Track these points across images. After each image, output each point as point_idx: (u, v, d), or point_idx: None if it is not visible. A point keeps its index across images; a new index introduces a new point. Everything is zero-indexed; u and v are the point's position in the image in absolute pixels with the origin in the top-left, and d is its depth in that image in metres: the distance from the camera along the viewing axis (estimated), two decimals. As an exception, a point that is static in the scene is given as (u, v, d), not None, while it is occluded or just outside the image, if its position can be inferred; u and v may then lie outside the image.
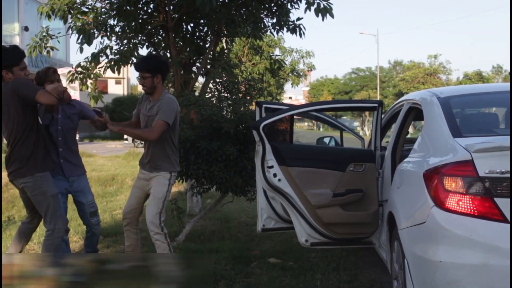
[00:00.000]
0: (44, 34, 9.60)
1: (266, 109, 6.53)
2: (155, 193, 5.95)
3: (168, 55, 9.32)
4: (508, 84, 5.59)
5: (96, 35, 8.93)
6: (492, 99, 5.41)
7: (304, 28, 9.46)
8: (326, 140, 7.86)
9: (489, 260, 3.58)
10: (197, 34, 9.75)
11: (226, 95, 7.82)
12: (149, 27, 9.19)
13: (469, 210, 3.71)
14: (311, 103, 6.83)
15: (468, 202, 3.72)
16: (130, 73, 62.52)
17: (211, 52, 9.67)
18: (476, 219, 3.69)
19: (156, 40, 9.55)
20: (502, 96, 5.33)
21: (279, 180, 5.71)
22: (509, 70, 76.90)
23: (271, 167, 5.72)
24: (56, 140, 5.95)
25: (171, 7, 8.95)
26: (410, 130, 14.10)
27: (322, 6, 8.40)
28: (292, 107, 6.55)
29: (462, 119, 4.76)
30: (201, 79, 10.94)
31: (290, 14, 9.41)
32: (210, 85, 9.11)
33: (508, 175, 3.62)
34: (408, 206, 4.42)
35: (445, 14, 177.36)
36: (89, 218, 6.24)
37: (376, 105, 5.91)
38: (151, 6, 9.10)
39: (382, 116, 6.21)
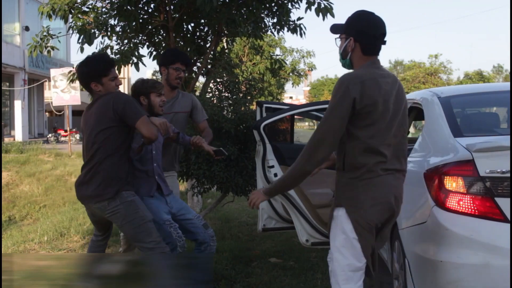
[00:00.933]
0: (44, 33, 9.60)
1: (266, 109, 6.51)
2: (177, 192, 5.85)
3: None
4: (509, 83, 5.58)
5: (96, 35, 8.93)
6: (493, 98, 5.40)
7: (305, 27, 9.46)
8: None
9: (490, 260, 3.58)
10: (198, 34, 9.74)
11: (226, 94, 7.81)
12: (150, 27, 9.19)
13: (470, 210, 3.71)
14: (312, 102, 6.82)
15: (468, 201, 3.72)
16: (131, 73, 62.38)
17: (212, 52, 9.67)
18: (477, 219, 3.69)
19: (157, 40, 9.55)
20: (502, 95, 5.33)
21: None
22: (509, 69, 77.05)
23: (272, 166, 5.70)
24: (150, 154, 5.17)
25: (172, 7, 8.95)
26: (412, 130, 14.09)
27: (322, 5, 8.41)
28: (292, 106, 6.54)
29: (463, 118, 4.76)
30: (201, 79, 10.94)
31: (291, 14, 9.41)
32: (211, 84, 9.11)
33: (509, 174, 3.63)
34: (409, 206, 4.41)
35: (445, 13, 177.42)
36: (204, 232, 5.26)
37: None
38: (152, 6, 9.10)
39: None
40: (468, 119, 4.91)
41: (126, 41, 9.23)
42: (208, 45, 9.68)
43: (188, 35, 9.58)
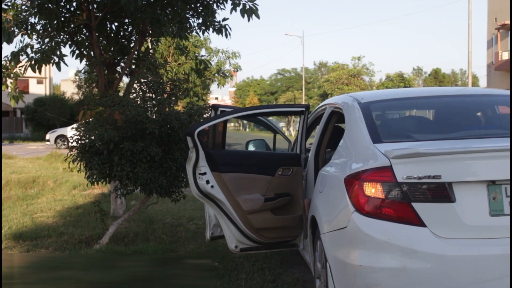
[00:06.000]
0: (-40, 31, 9.26)
1: (222, 112, 6.41)
2: None
3: (92, 54, 9.16)
4: (427, 89, 5.74)
5: (16, 33, 8.67)
6: (412, 104, 5.53)
7: (230, 28, 9.49)
8: (255, 143, 7.76)
9: (407, 263, 3.68)
10: (122, 33, 9.62)
11: (150, 95, 7.75)
12: (72, 25, 9.00)
13: (387, 214, 3.81)
14: (245, 108, 6.77)
15: (387, 207, 3.81)
16: (53, 72, 60.93)
17: (136, 52, 9.56)
18: (394, 223, 3.79)
19: (79, 39, 9.37)
20: (421, 101, 5.49)
21: (212, 186, 5.63)
22: (428, 72, 79.61)
23: (204, 173, 5.63)
24: None
25: (95, 6, 8.80)
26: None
27: (247, 7, 8.45)
28: (235, 110, 6.44)
29: (382, 124, 4.85)
30: (125, 79, 10.80)
31: (216, 15, 9.41)
32: (135, 85, 9.01)
33: (425, 180, 3.75)
34: (330, 211, 4.48)
35: (368, 16, 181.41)
36: None
37: (304, 109, 5.98)
38: (74, 4, 8.93)
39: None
40: (387, 125, 5.01)
41: (47, 40, 9.00)
42: (132, 45, 9.58)
43: (112, 35, 9.46)
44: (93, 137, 7.21)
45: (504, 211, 3.78)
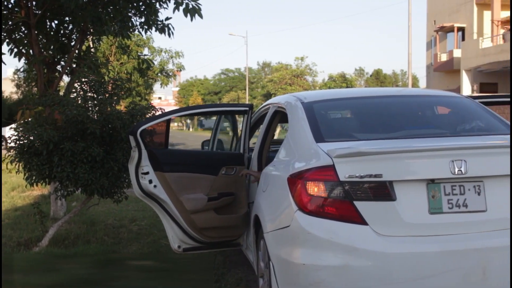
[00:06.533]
0: None
1: None
2: None
3: (31, 52, 8.97)
4: (370, 89, 5.82)
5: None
6: (354, 104, 5.60)
7: (173, 28, 9.42)
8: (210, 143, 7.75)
9: (349, 261, 3.74)
10: (62, 31, 9.45)
11: (92, 95, 7.63)
12: (10, 23, 8.79)
13: (330, 213, 3.86)
14: (188, 107, 6.78)
15: (329, 205, 3.87)
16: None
17: (77, 51, 9.41)
18: (337, 222, 3.84)
19: (18, 37, 9.16)
20: (363, 101, 5.55)
21: (155, 186, 5.57)
22: (370, 72, 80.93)
23: (147, 173, 5.57)
24: None
25: (34, 3, 8.61)
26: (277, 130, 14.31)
27: (190, 6, 8.41)
28: (172, 111, 6.40)
29: (325, 124, 4.86)
30: (66, 78, 10.60)
31: (159, 14, 9.34)
32: (76, 84, 8.86)
33: (367, 179, 3.82)
34: (273, 210, 4.50)
35: (310, 17, 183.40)
36: None
37: (247, 108, 6.00)
38: (12, 0, 8.72)
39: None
40: (330, 125, 5.03)
41: (-17, 37, 8.77)
42: (73, 44, 9.42)
43: (52, 33, 9.28)
44: (32, 137, 7.08)
45: (442, 209, 3.88)
